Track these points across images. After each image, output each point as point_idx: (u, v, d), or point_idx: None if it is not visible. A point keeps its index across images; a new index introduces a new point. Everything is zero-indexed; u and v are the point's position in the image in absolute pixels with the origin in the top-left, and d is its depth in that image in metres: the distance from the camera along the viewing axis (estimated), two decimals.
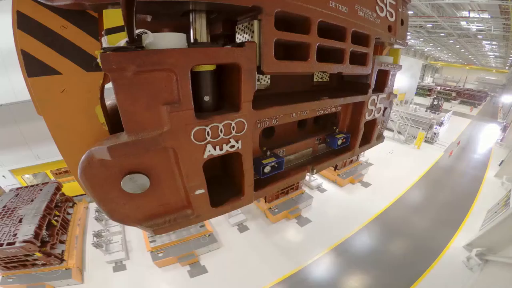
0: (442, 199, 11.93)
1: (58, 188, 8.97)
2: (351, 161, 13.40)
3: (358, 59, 1.83)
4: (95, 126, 1.15)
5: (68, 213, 8.99)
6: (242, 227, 9.50)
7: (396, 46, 2.37)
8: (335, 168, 12.85)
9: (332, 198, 11.45)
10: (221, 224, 9.56)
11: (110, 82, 0.98)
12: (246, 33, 1.33)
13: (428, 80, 56.56)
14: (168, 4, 1.05)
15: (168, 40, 0.98)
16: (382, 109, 2.41)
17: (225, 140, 1.27)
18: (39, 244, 6.49)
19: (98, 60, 0.89)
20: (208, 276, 7.53)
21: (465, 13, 16.90)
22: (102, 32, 0.97)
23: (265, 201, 9.86)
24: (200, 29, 1.23)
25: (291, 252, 8.44)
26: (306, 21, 1.38)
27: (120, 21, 0.87)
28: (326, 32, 1.49)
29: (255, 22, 1.21)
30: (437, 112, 24.02)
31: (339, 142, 2.14)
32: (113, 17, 0.93)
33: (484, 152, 18.65)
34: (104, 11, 0.95)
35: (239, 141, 1.33)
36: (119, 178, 1.10)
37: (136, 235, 8.72)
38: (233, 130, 1.27)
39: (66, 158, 1.18)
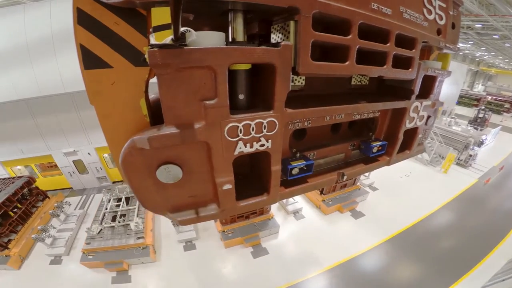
0: (455, 240, 10.05)
1: (30, 182, 10.42)
2: (345, 185, 12.22)
3: (402, 62, 1.85)
4: (138, 117, 1.29)
5: (34, 206, 10.27)
6: (189, 245, 9.57)
7: (445, 51, 2.32)
8: (321, 191, 11.84)
9: (307, 228, 10.62)
10: (170, 237, 9.79)
11: (155, 77, 1.13)
12: (282, 34, 1.41)
13: (479, 89, 51.68)
14: (212, 4, 1.15)
15: (209, 38, 1.08)
16: (425, 117, 2.38)
17: (256, 138, 1.37)
18: None
19: (146, 56, 1.01)
20: (128, 285, 8.01)
21: None
22: (150, 29, 1.09)
23: (221, 223, 9.65)
24: (237, 28, 1.31)
25: (229, 284, 8.15)
26: (345, 23, 1.43)
27: (166, 19, 0.99)
28: (368, 33, 1.52)
29: (291, 23, 1.28)
30: (480, 128, 20.48)
31: (375, 149, 2.15)
32: (160, 15, 1.04)
33: None
34: (152, 9, 1.06)
35: (269, 141, 1.42)
36: (155, 167, 1.26)
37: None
38: (264, 129, 1.37)
39: (111, 146, 1.34)
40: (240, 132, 1.31)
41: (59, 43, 9.48)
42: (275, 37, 1.50)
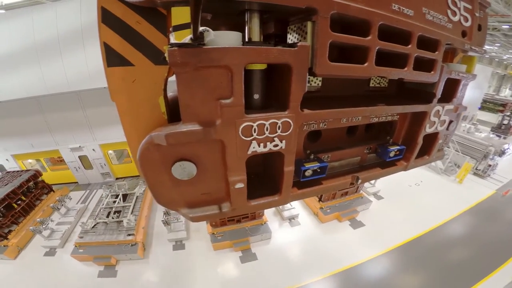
0: (460, 254, 9.35)
1: (36, 175, 11.11)
2: (346, 193, 11.79)
3: (424, 65, 1.83)
4: (156, 114, 1.34)
5: (38, 199, 10.90)
6: (178, 245, 9.74)
7: (471, 53, 2.28)
8: (320, 198, 11.51)
9: (301, 236, 10.33)
10: (161, 236, 10.06)
11: (173, 75, 1.19)
12: (298, 34, 1.42)
13: (506, 93, 48.06)
14: (230, 4, 1.17)
15: (226, 38, 1.12)
16: (447, 122, 2.34)
17: (269, 138, 1.40)
18: None
19: (166, 55, 1.05)
20: (113, 280, 8.37)
21: None
22: (170, 29, 1.13)
23: (211, 225, 9.68)
24: (254, 28, 1.33)
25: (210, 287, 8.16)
26: (365, 24, 1.43)
27: (186, 19, 1.03)
28: (388, 34, 1.53)
29: (308, 24, 1.29)
30: (504, 136, 18.86)
31: (392, 154, 2.14)
32: (180, 14, 1.06)
33: None
34: (172, 8, 1.08)
35: (283, 141, 1.45)
36: (170, 163, 1.32)
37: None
38: (279, 129, 1.39)
39: (129, 141, 1.40)
40: (254, 132, 1.32)
41: (64, 44, 10.04)
42: (291, 38, 1.50)
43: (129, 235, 9.06)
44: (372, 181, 13.89)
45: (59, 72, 10.35)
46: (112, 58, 1.19)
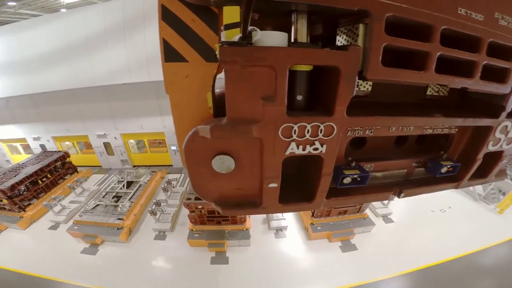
0: None
1: (64, 157, 13.25)
2: (345, 211, 10.91)
3: (494, 74, 1.71)
4: (204, 109, 1.44)
5: (62, 178, 12.93)
6: (161, 235, 10.53)
7: None
8: (313, 213, 10.91)
9: (281, 250, 9.95)
10: (150, 224, 10.88)
11: (222, 73, 1.24)
12: (349, 36, 1.39)
13: None
14: (278, 4, 1.19)
15: (273, 38, 1.17)
16: None
17: (310, 141, 1.39)
18: (9, 194, 10.48)
19: (217, 52, 1.12)
20: (91, 257, 9.56)
21: None
22: (221, 27, 1.19)
23: (191, 222, 10.13)
24: (301, 29, 1.34)
25: (167, 281, 8.66)
26: (425, 28, 1.37)
27: (236, 18, 1.12)
28: (451, 39, 1.46)
29: (361, 26, 1.27)
30: None
31: (444, 170, 1.99)
32: (231, 13, 1.13)
33: None
34: (224, 7, 1.15)
35: (324, 145, 1.42)
36: (211, 156, 1.39)
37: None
38: (320, 133, 1.38)
39: (178, 131, 1.53)
40: (294, 133, 1.34)
41: (91, 44, 11.81)
42: (340, 40, 1.50)
43: (119, 219, 10.16)
44: (385, 202, 12.51)
45: (87, 68, 12.21)
46: (169, 54, 1.31)
